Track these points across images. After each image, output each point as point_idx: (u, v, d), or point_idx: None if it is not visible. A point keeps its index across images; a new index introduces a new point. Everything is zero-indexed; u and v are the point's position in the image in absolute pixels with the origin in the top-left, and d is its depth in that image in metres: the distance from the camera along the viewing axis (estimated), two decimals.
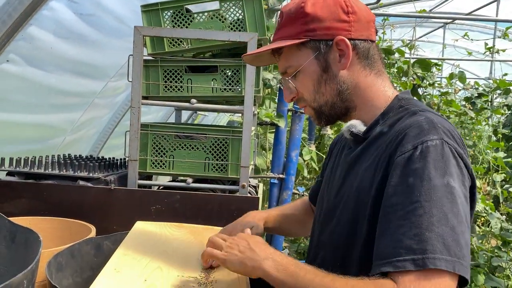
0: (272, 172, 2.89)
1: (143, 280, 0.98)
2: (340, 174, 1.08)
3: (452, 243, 0.79)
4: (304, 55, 1.02)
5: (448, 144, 0.87)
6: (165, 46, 1.84)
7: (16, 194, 1.60)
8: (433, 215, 0.80)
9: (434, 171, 0.84)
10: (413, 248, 0.79)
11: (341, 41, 0.99)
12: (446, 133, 0.89)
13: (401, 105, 1.00)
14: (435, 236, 0.79)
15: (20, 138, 2.68)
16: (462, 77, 4.53)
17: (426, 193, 0.82)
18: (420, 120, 0.91)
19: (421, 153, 0.86)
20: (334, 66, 1.01)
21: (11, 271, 0.85)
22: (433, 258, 0.78)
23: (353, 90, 1.03)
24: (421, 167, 0.84)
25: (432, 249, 0.78)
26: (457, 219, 0.81)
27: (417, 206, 0.82)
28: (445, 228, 0.80)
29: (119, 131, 3.75)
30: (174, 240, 1.26)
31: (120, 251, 1.12)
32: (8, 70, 2.14)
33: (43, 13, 1.97)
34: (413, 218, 0.81)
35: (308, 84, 1.03)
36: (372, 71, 1.04)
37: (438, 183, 0.83)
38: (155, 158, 1.78)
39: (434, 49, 8.87)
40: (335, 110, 1.04)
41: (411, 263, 0.78)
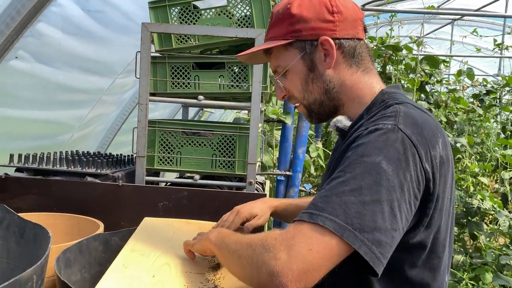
0: (279, 169, 2.89)
1: (151, 276, 0.99)
2: (329, 168, 1.12)
3: (355, 214, 0.79)
4: (291, 55, 1.05)
5: (401, 131, 0.86)
6: (172, 43, 1.84)
7: (25, 190, 1.61)
8: (348, 185, 0.82)
9: (370, 150, 0.85)
10: (317, 206, 0.82)
11: (325, 41, 1.01)
12: (406, 121, 0.88)
13: (383, 99, 1.01)
14: (340, 201, 0.81)
15: (28, 134, 2.70)
16: (470, 74, 4.49)
17: (352, 165, 0.85)
18: (387, 111, 0.93)
19: (368, 133, 0.88)
20: (320, 66, 1.04)
21: (20, 266, 0.86)
22: (326, 218, 0.80)
23: (340, 88, 1.05)
24: (361, 143, 0.88)
25: (330, 211, 0.80)
26: (372, 197, 0.81)
27: (340, 175, 0.85)
28: (353, 199, 0.81)
29: (126, 128, 3.77)
30: (182, 236, 1.26)
31: (128, 247, 1.12)
32: (17, 66, 2.15)
33: (52, 9, 1.98)
34: (333, 183, 0.85)
35: (296, 83, 1.07)
36: (359, 68, 1.05)
37: (368, 160, 0.84)
38: (163, 155, 1.78)
39: (442, 46, 8.81)
40: (324, 108, 1.08)
41: (307, 215, 0.82)
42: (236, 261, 0.89)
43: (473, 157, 4.63)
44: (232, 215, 1.29)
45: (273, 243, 0.81)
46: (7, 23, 1.77)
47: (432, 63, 3.85)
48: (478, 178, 4.32)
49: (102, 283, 0.92)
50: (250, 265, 0.83)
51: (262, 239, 0.84)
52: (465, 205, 3.69)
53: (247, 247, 0.86)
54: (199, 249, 1.06)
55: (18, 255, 0.87)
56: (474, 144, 4.46)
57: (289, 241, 0.80)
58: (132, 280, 0.96)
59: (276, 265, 0.78)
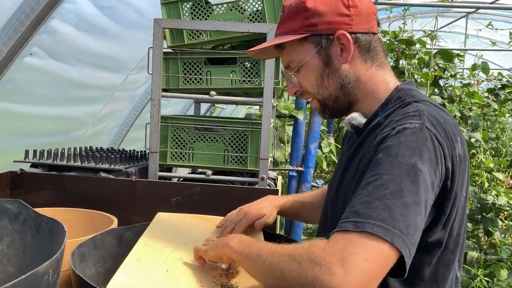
0: (291, 165, 2.88)
1: (165, 271, 0.99)
2: (341, 166, 1.10)
3: (400, 218, 0.77)
4: (306, 50, 1.03)
5: (428, 129, 0.87)
6: (184, 38, 1.85)
7: (40, 185, 1.63)
8: (388, 188, 0.80)
9: (404, 150, 0.84)
10: (359, 213, 0.79)
11: (342, 35, 1.00)
12: (431, 120, 0.89)
13: (399, 96, 1.00)
14: (384, 206, 0.78)
15: (42, 130, 2.73)
16: (485, 68, 4.42)
17: (389, 167, 0.83)
18: (408, 109, 0.93)
19: (397, 133, 0.87)
20: (336, 60, 1.02)
21: (36, 260, 0.87)
22: (374, 224, 0.76)
23: (355, 83, 1.04)
24: (392, 144, 0.86)
25: (376, 216, 0.77)
26: (413, 199, 0.80)
27: (377, 178, 0.83)
28: (397, 202, 0.79)
29: (139, 124, 3.79)
30: (195, 231, 1.27)
31: (142, 242, 1.13)
32: (32, 63, 2.17)
33: (65, 6, 2.00)
34: (370, 187, 0.82)
35: (311, 78, 1.05)
36: (374, 63, 1.04)
37: (404, 161, 0.83)
38: (175, 150, 1.79)
39: (456, 40, 8.68)
40: (339, 103, 1.06)
41: (352, 224, 0.78)
42: (276, 274, 0.82)
43: (488, 153, 4.56)
44: (239, 216, 1.25)
45: (322, 256, 0.76)
46: (22, 20, 1.78)
47: (446, 57, 3.80)
48: (493, 174, 4.26)
49: (116, 277, 0.93)
50: (296, 280, 0.77)
51: (307, 252, 0.78)
52: (480, 201, 3.65)
53: (290, 260, 0.79)
54: (214, 257, 1.01)
55: (34, 249, 0.88)
56: (489, 139, 4.40)
57: (342, 253, 0.75)
58: (146, 274, 0.97)
59: (332, 281, 0.73)
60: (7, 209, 0.91)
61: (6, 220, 0.91)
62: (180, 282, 0.96)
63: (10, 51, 1.84)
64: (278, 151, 3.09)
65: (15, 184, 1.63)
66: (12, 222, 0.91)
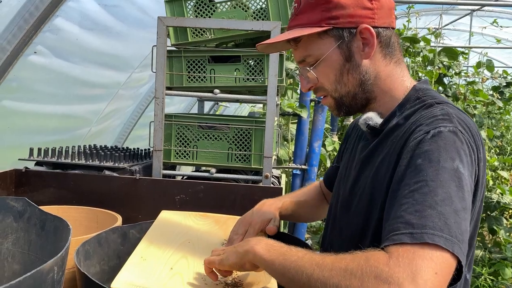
0: (295, 163, 2.88)
1: (169, 269, 0.99)
2: (356, 166, 1.06)
3: (454, 225, 0.75)
4: (326, 44, 0.98)
5: (462, 133, 0.85)
6: (188, 36, 1.84)
7: (44, 183, 1.64)
8: (437, 194, 0.77)
9: (445, 154, 0.81)
10: (412, 223, 0.75)
11: (365, 29, 0.96)
12: (461, 123, 0.87)
13: (418, 97, 0.98)
14: (437, 214, 0.75)
15: (47, 128, 2.74)
16: (490, 65, 4.40)
17: (433, 173, 0.79)
18: (435, 111, 0.90)
19: (433, 137, 0.84)
20: (357, 55, 0.98)
21: (41, 258, 0.88)
22: (432, 234, 0.73)
23: (374, 80, 1.00)
24: (431, 149, 0.82)
25: (432, 226, 0.74)
26: (462, 204, 0.78)
27: (422, 185, 0.79)
28: (448, 208, 0.76)
29: (143, 122, 3.80)
30: (199, 229, 1.27)
31: (146, 240, 1.13)
32: (36, 61, 2.18)
33: (69, 4, 2.00)
34: (417, 195, 0.78)
35: (329, 74, 1.00)
36: (392, 59, 1.01)
37: (447, 166, 0.80)
38: (179, 148, 1.79)
39: (461, 37, 8.64)
40: (356, 101, 1.02)
41: (408, 236, 0.74)
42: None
43: (492, 151, 4.54)
44: (244, 227, 1.17)
45: (388, 271, 0.71)
46: (26, 18, 1.79)
47: (450, 55, 3.79)
48: (498, 172, 4.24)
49: (120, 275, 0.93)
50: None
51: (369, 266, 0.73)
52: (484, 199, 3.63)
53: (347, 275, 0.74)
54: (234, 264, 0.91)
55: (39, 247, 0.88)
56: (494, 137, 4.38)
57: (410, 268, 0.71)
58: (150, 272, 0.97)
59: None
60: (12, 207, 0.91)
61: (11, 218, 0.91)
62: (185, 279, 0.96)
63: (14, 49, 1.84)
64: (282, 149, 3.08)
65: (20, 182, 1.64)
66: (17, 220, 0.91)
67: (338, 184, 1.14)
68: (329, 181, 1.30)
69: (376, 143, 1.00)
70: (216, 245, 1.17)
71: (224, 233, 1.25)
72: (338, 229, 1.08)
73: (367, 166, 1.01)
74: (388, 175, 0.91)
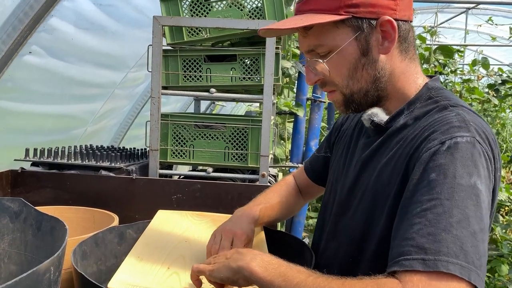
0: (291, 162, 2.88)
1: (166, 268, 0.99)
2: (356, 164, 1.00)
3: (471, 249, 0.70)
4: (342, 34, 0.88)
5: (479, 143, 0.79)
6: (184, 36, 1.84)
7: (41, 184, 1.63)
8: (453, 216, 0.72)
9: (461, 169, 0.75)
10: (425, 248, 0.71)
11: (387, 22, 0.87)
12: (479, 132, 0.81)
13: (430, 96, 0.91)
14: (453, 238, 0.70)
15: (43, 128, 2.73)
16: (486, 63, 4.42)
17: (448, 191, 0.74)
18: (450, 116, 0.83)
19: (449, 148, 0.77)
20: (375, 50, 0.89)
21: (38, 258, 0.87)
22: (446, 261, 0.69)
23: (389, 77, 0.92)
24: (446, 163, 0.76)
25: (447, 252, 0.69)
26: (479, 225, 0.73)
27: (436, 204, 0.73)
28: (465, 231, 0.71)
29: (139, 122, 3.79)
30: (195, 228, 1.27)
31: (143, 239, 1.13)
32: (31, 61, 2.17)
33: (64, 4, 1.99)
34: (430, 215, 0.73)
35: (342, 68, 0.90)
36: (408, 55, 0.93)
37: (464, 183, 0.74)
38: (176, 148, 1.79)
39: (456, 35, 8.67)
40: (367, 98, 0.93)
41: (420, 262, 0.70)
42: None
43: None
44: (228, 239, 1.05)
45: None
46: (21, 18, 1.78)
47: (446, 53, 3.81)
48: None
49: (117, 275, 0.93)
50: None
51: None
52: None
53: None
54: (226, 279, 0.84)
55: (36, 247, 0.88)
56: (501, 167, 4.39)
57: None
58: (147, 272, 0.97)
59: None
60: (8, 208, 0.91)
61: (7, 218, 0.91)
62: (182, 279, 0.96)
63: (9, 49, 1.84)
64: (278, 148, 3.09)
65: (16, 183, 1.63)
66: (13, 220, 0.91)
67: (336, 181, 1.08)
68: (315, 173, 1.22)
69: (379, 142, 0.95)
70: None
71: None
72: (334, 231, 1.04)
73: (368, 166, 0.96)
74: (395, 182, 0.86)
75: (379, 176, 0.91)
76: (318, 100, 2.84)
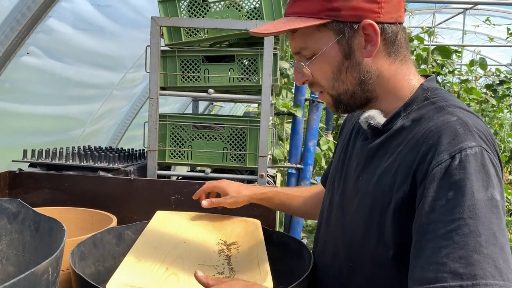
0: (290, 162, 2.88)
1: (165, 269, 0.99)
2: (355, 166, 0.99)
3: (504, 266, 0.70)
4: (324, 38, 0.89)
5: (486, 151, 0.79)
6: (182, 36, 1.84)
7: (38, 185, 1.63)
8: (480, 234, 0.72)
9: (477, 183, 0.75)
10: (460, 273, 0.70)
11: (369, 25, 0.87)
12: (483, 138, 0.80)
13: (426, 97, 0.91)
14: (484, 258, 0.70)
15: (40, 129, 2.73)
16: (483, 63, 4.43)
17: (470, 209, 0.73)
18: (452, 122, 0.82)
19: (460, 163, 0.76)
20: (358, 53, 0.90)
21: (36, 259, 0.87)
22: (485, 285, 0.69)
23: (376, 79, 0.92)
24: (461, 179, 0.76)
25: (483, 274, 0.69)
26: (505, 237, 0.73)
27: (460, 224, 0.73)
28: (494, 248, 0.71)
29: (137, 123, 3.79)
30: (194, 228, 1.27)
31: (141, 240, 1.13)
32: (29, 62, 2.17)
33: (62, 4, 1.99)
34: (457, 238, 0.72)
35: (326, 70, 0.92)
36: (398, 57, 0.93)
37: (482, 197, 0.74)
38: (174, 149, 1.79)
39: (454, 36, 8.69)
40: (355, 99, 0.94)
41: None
42: None
43: None
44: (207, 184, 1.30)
45: None
46: (18, 19, 1.78)
47: (444, 54, 3.81)
48: None
49: (116, 276, 0.93)
50: None
51: None
52: None
53: None
54: None
55: (34, 248, 0.87)
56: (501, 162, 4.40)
57: None
58: (146, 272, 0.97)
59: None
60: (6, 209, 0.91)
61: (5, 219, 0.90)
62: (181, 279, 0.96)
63: (7, 50, 1.83)
64: (277, 148, 3.08)
65: (13, 184, 1.63)
66: (11, 221, 0.90)
67: (334, 183, 1.07)
68: (325, 178, 1.23)
69: (378, 144, 0.94)
70: (212, 245, 1.17)
71: (220, 233, 1.25)
72: (333, 231, 1.03)
73: (367, 168, 0.95)
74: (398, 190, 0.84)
75: (379, 181, 0.90)
76: (316, 101, 2.84)
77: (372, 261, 0.90)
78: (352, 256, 0.95)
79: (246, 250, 1.14)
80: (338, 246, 1.00)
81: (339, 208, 1.01)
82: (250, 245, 1.16)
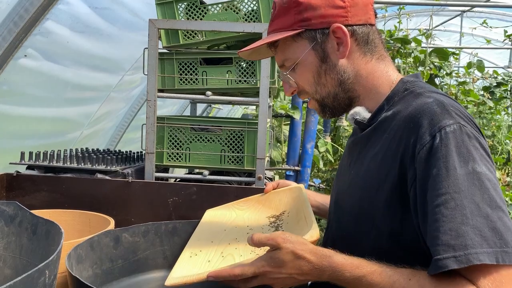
0: (288, 164, 2.88)
1: (220, 254, 1.01)
2: (347, 162, 1.06)
3: (489, 233, 0.75)
4: (300, 47, 0.98)
5: (464, 127, 0.83)
6: (179, 39, 1.84)
7: (36, 187, 1.63)
8: (465, 207, 0.76)
9: (458, 159, 0.80)
10: (452, 245, 0.75)
11: (337, 28, 0.95)
12: (459, 115, 0.85)
13: (406, 88, 0.96)
14: (471, 229, 0.75)
15: (38, 132, 2.73)
16: (481, 66, 4.44)
17: (454, 183, 0.78)
18: (429, 103, 0.87)
19: (441, 141, 0.82)
20: (333, 56, 0.97)
21: (33, 262, 0.87)
22: (476, 253, 0.73)
23: (355, 78, 0.99)
24: (444, 155, 0.80)
25: (472, 244, 0.74)
26: (490, 206, 0.77)
27: (447, 198, 0.78)
28: (479, 219, 0.76)
29: (135, 125, 3.79)
30: (243, 213, 1.30)
31: (194, 237, 1.16)
32: (26, 64, 2.17)
33: (59, 7, 1.99)
34: (444, 211, 0.77)
35: (307, 76, 1.00)
36: (373, 56, 0.99)
37: (464, 172, 0.79)
38: (172, 151, 1.78)
39: (451, 38, 8.71)
40: (338, 101, 1.01)
41: (452, 261, 0.74)
42: None
43: None
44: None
45: None
46: (16, 21, 1.78)
47: (441, 56, 3.82)
48: None
49: (173, 273, 0.95)
50: None
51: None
52: None
53: None
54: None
55: (31, 251, 0.87)
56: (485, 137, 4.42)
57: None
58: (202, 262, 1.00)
59: None
60: (3, 211, 0.91)
61: (2, 222, 0.90)
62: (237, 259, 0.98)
63: (4, 52, 1.83)
64: (274, 150, 3.09)
65: (11, 186, 1.62)
66: (8, 224, 0.90)
67: (334, 182, 1.15)
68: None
69: (364, 136, 1.00)
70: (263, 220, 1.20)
71: (269, 208, 1.28)
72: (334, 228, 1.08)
73: (356, 161, 1.01)
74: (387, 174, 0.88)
75: (367, 171, 0.95)
76: None
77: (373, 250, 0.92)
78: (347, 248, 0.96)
79: (295, 214, 1.16)
80: (336, 241, 1.04)
81: (337, 204, 1.07)
82: (297, 208, 1.18)
